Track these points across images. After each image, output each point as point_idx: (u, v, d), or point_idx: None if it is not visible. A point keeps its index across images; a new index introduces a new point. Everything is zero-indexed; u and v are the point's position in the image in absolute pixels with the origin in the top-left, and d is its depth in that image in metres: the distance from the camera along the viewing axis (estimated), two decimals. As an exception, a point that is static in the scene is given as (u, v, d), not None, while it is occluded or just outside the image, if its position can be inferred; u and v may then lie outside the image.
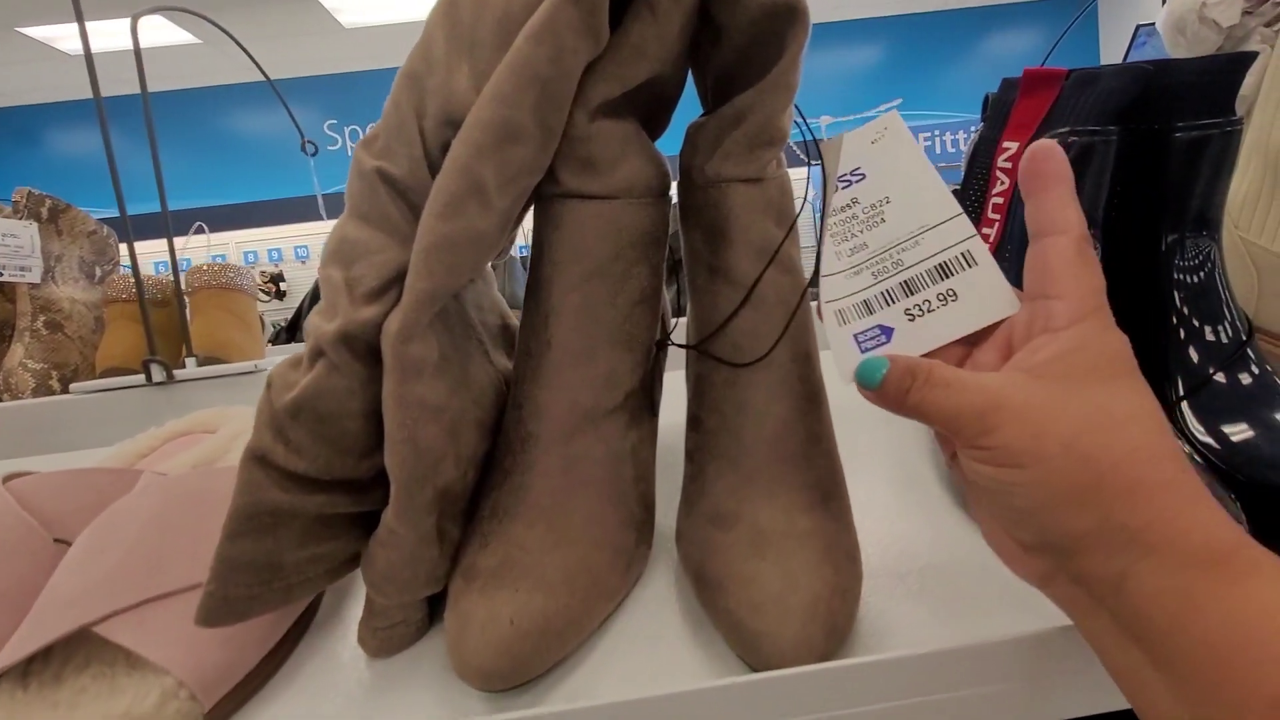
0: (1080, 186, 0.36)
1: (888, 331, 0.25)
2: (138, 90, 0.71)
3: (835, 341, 0.26)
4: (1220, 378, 0.34)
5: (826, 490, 0.31)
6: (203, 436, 0.45)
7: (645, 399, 0.34)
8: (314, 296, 1.83)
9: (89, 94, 0.68)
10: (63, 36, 3.55)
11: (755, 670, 0.26)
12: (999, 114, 0.42)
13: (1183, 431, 0.33)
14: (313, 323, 0.25)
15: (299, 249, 4.66)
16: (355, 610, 0.31)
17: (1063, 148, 0.36)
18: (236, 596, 0.25)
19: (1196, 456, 0.31)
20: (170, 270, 0.74)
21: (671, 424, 0.36)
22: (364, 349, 0.25)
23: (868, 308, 0.26)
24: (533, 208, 0.32)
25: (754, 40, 0.28)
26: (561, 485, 0.31)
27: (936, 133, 3.92)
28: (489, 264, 0.39)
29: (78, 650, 0.28)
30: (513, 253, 1.00)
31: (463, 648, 0.26)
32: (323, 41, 4.19)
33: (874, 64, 5.18)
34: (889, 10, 4.77)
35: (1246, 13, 0.45)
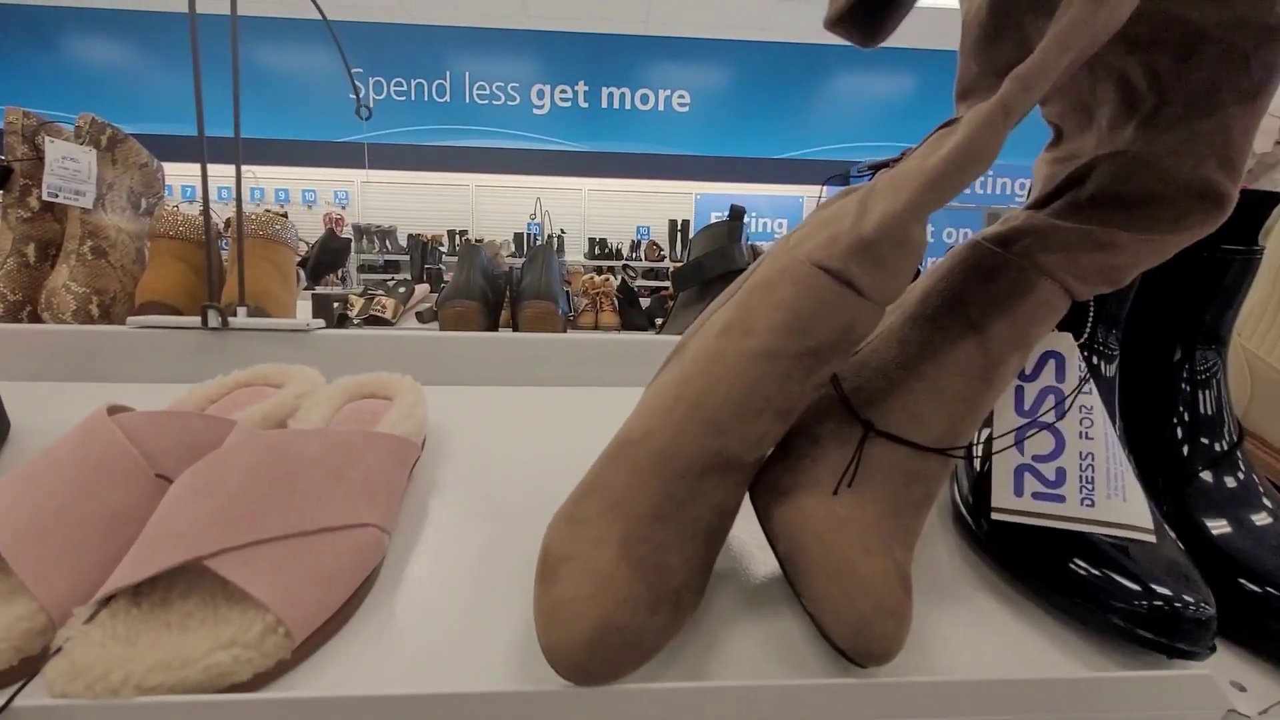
0: (1108, 293, 0.40)
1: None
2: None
3: None
4: (1207, 476, 0.38)
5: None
6: (267, 390, 0.48)
7: None
8: (323, 244, 1.82)
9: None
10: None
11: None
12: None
13: (1170, 518, 0.37)
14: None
15: (339, 193, 5.23)
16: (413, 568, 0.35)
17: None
18: None
19: (1180, 543, 0.36)
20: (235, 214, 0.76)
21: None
22: None
23: None
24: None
25: None
26: None
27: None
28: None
29: (178, 580, 0.31)
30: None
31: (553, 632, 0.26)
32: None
33: (904, 95, 5.23)
34: (921, 43, 4.82)
35: (1278, 143, 0.49)
